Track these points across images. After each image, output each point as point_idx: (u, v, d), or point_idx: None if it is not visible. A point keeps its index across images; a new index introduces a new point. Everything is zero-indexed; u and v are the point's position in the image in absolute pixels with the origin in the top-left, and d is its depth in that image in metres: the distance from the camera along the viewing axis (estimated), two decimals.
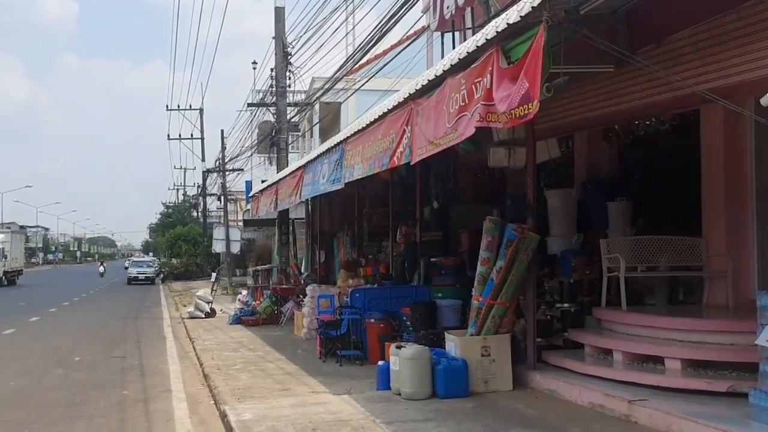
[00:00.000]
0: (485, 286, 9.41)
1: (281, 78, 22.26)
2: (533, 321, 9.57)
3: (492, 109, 6.32)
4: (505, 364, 9.28)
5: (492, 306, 9.31)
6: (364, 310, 12.62)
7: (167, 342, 17.08)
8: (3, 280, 49.29)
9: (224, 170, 39.27)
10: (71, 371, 12.85)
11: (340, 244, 19.86)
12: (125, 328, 20.60)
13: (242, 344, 15.45)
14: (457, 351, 9.21)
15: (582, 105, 8.75)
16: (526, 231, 9.41)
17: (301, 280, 20.50)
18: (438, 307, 12.02)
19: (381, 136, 9.46)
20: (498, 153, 11.35)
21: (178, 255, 58.68)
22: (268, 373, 11.61)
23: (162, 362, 13.86)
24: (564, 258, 11.48)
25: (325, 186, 12.62)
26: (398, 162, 8.95)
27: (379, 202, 19.23)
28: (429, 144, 7.88)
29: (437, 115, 7.59)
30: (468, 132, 6.91)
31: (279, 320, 19.11)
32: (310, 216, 22.36)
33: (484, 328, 9.33)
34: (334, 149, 11.86)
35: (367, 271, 16.73)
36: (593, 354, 9.45)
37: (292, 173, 15.41)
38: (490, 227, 9.58)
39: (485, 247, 9.56)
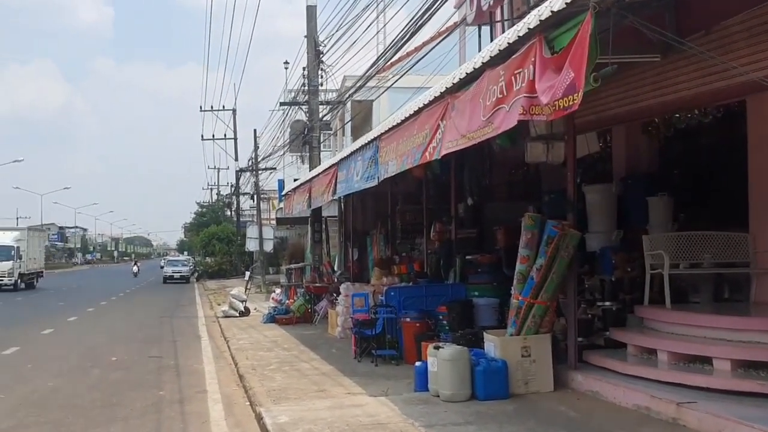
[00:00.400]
0: (525, 284, 9.18)
1: (313, 76, 22.15)
2: (574, 320, 9.32)
3: (535, 101, 6.09)
4: (545, 364, 9.05)
5: (532, 305, 9.08)
6: (400, 308, 12.45)
7: (202, 341, 17.07)
8: (19, 283, 43.61)
9: (257, 169, 39.33)
10: (108, 371, 12.85)
11: (373, 241, 19.69)
12: (161, 327, 20.66)
13: (276, 343, 15.37)
14: (497, 351, 9.00)
15: (625, 97, 8.46)
16: (567, 228, 9.16)
17: (334, 278, 20.39)
18: (475, 305, 11.82)
19: (416, 131, 9.27)
20: (536, 148, 11.09)
21: (212, 254, 58.99)
22: (303, 373, 11.49)
23: (197, 362, 13.82)
24: (604, 255, 11.20)
25: (359, 183, 12.46)
26: (430, 157, 8.76)
27: (412, 199, 19.02)
28: (461, 138, 7.68)
29: (472, 109, 7.38)
30: (505, 125, 6.69)
31: (313, 319, 19.02)
32: (343, 214, 22.23)
33: (524, 328, 9.10)
34: (368, 146, 11.69)
35: (401, 269, 16.57)
36: (636, 354, 9.17)
37: (325, 171, 15.27)
38: (529, 224, 9.35)
39: (524, 245, 9.33)
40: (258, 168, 39.12)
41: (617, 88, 8.60)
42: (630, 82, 8.36)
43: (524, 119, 6.41)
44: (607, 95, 8.83)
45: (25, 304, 31.70)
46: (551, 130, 10.82)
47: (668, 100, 8.06)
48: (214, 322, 21.50)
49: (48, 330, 19.84)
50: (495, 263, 13.32)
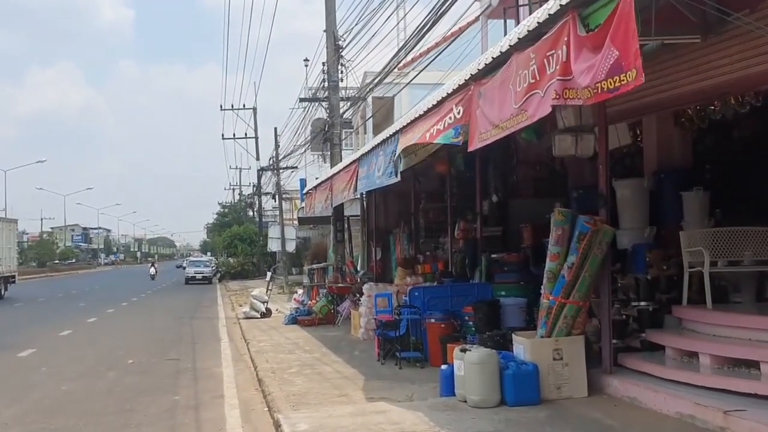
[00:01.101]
0: (556, 283, 8.70)
1: (333, 72, 21.74)
2: (608, 321, 8.82)
3: (570, 84, 5.62)
4: (579, 368, 8.55)
5: (564, 305, 8.59)
6: (424, 309, 12.01)
7: (222, 343, 16.72)
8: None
9: (278, 168, 39.01)
10: (124, 375, 12.52)
11: (396, 240, 19.25)
12: (181, 329, 20.36)
13: (298, 345, 14.98)
14: (527, 354, 8.52)
15: (661, 83, 7.94)
16: (600, 223, 8.67)
17: (357, 278, 19.98)
18: (502, 306, 11.35)
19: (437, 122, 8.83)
20: (564, 141, 10.57)
21: (235, 254, 58.90)
22: (324, 377, 11.08)
23: (216, 365, 13.45)
24: (637, 252, 10.67)
25: (381, 179, 12.02)
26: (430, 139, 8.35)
27: (435, 196, 18.57)
28: (494, 128, 7.22)
29: (502, 96, 6.91)
30: (540, 112, 6.22)
31: (335, 320, 18.61)
32: (366, 213, 21.82)
33: (555, 329, 8.62)
34: (389, 140, 11.25)
35: (425, 269, 16.12)
36: (676, 357, 8.66)
37: (346, 167, 14.86)
38: (559, 220, 8.86)
39: (555, 242, 8.84)
40: (279, 167, 38.82)
41: (652, 74, 8.06)
42: (666, 67, 7.84)
43: (558, 104, 5.94)
44: None
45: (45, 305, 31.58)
46: (580, 121, 10.30)
47: (708, 86, 7.52)
48: (235, 323, 21.17)
49: (66, 331, 19.61)
50: (522, 262, 12.83)
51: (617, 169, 13.60)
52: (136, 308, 29.14)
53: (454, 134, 8.30)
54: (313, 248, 36.75)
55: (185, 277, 54.36)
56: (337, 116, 22.10)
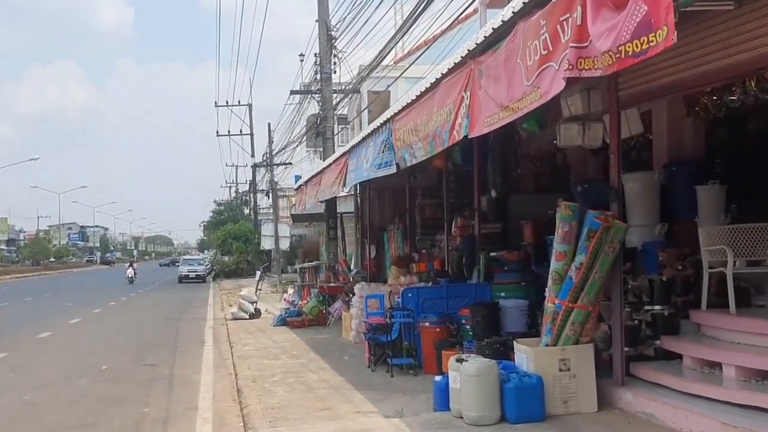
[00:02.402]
0: (562, 285, 7.82)
1: (325, 63, 20.83)
2: (620, 327, 7.95)
3: (585, 51, 4.74)
4: (588, 380, 7.68)
5: (571, 310, 7.71)
6: (418, 311, 11.14)
7: (205, 347, 15.81)
8: None
9: (272, 164, 38.06)
10: (95, 383, 11.64)
11: (390, 238, 18.34)
12: (165, 331, 19.47)
13: (284, 350, 14.11)
14: (530, 365, 7.64)
15: (683, 60, 7.04)
16: (611, 219, 7.79)
17: (350, 277, 19.10)
18: (501, 308, 10.48)
19: (437, 107, 7.93)
20: (570, 130, 9.72)
21: (229, 252, 58.00)
22: (309, 386, 10.21)
23: (195, 371, 12.55)
24: (648, 251, 9.81)
25: (369, 171, 11.16)
26: (458, 137, 7.41)
27: (432, 192, 17.69)
28: (502, 110, 6.31)
29: (510, 72, 6.02)
30: (556, 88, 5.33)
31: (327, 321, 17.75)
32: (359, 209, 20.92)
33: (561, 337, 7.74)
34: (380, 129, 10.38)
35: (421, 267, 15.23)
36: (695, 367, 7.78)
37: (336, 161, 14.00)
38: (566, 215, 7.98)
39: (561, 239, 7.96)
40: (273, 163, 37.86)
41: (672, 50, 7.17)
42: (689, 42, 6.94)
43: (572, 76, 5.05)
44: (660, 59, 7.41)
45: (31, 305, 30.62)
46: (588, 109, 9.45)
47: (742, 60, 6.60)
48: (223, 324, 20.26)
49: (46, 333, 18.69)
50: (523, 260, 11.91)
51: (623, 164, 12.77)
52: (124, 308, 28.25)
53: (467, 123, 7.31)
54: (305, 246, 35.81)
55: (178, 276, 53.53)
56: (330, 109, 21.21)
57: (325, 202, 21.27)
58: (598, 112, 9.46)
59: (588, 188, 11.37)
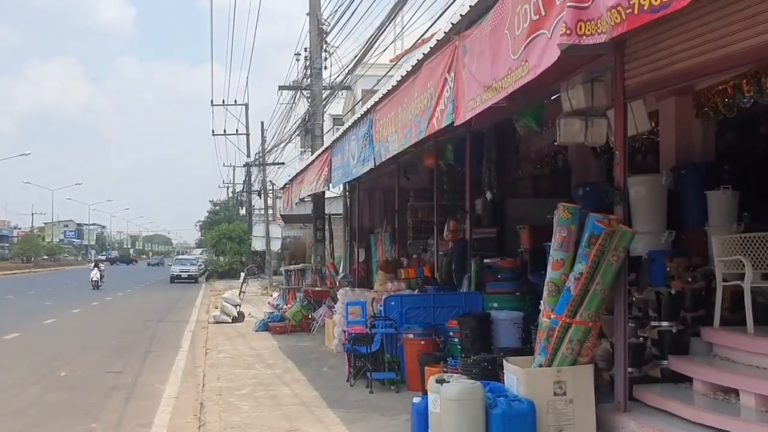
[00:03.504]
0: (559, 298, 6.89)
1: (316, 58, 19.91)
2: (623, 346, 7.04)
3: (587, 12, 3.86)
4: (586, 405, 6.75)
5: (568, 326, 6.78)
6: (401, 322, 10.23)
7: (180, 352, 14.88)
8: None
9: (264, 164, 37.11)
10: (48, 391, 10.70)
11: (378, 241, 17.42)
12: (143, 333, 18.52)
13: (261, 358, 13.20)
14: (521, 387, 6.71)
15: (700, 42, 6.10)
16: (616, 224, 6.87)
17: (337, 281, 18.17)
18: (493, 320, 9.54)
19: (417, 93, 7.02)
20: (571, 125, 8.79)
21: (223, 253, 57.09)
22: (278, 401, 9.29)
23: (161, 380, 11.63)
24: (654, 261, 8.89)
25: (357, 168, 10.25)
26: (438, 125, 6.49)
27: (425, 194, 16.78)
28: (485, 90, 5.41)
29: (495, 46, 5.12)
30: (546, 61, 4.43)
31: (310, 328, 16.82)
32: (348, 210, 20.00)
33: (557, 356, 6.81)
34: (361, 121, 9.47)
35: (410, 273, 14.30)
36: (707, 393, 6.86)
37: (318, 156, 13.08)
38: (565, 218, 7.05)
39: (558, 245, 7.03)
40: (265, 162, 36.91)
41: (688, 31, 6.27)
42: (709, 21, 6.02)
43: (569, 43, 4.13)
44: (673, 42, 6.50)
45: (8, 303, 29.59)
46: (591, 102, 8.55)
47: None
48: (205, 328, 19.33)
49: (13, 334, 17.71)
50: (518, 268, 10.96)
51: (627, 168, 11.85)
52: (106, 308, 27.29)
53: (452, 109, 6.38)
54: (291, 247, 34.79)
55: (170, 276, 52.61)
56: (319, 105, 20.28)
57: (313, 203, 20.38)
58: (602, 106, 8.57)
59: (590, 191, 10.45)
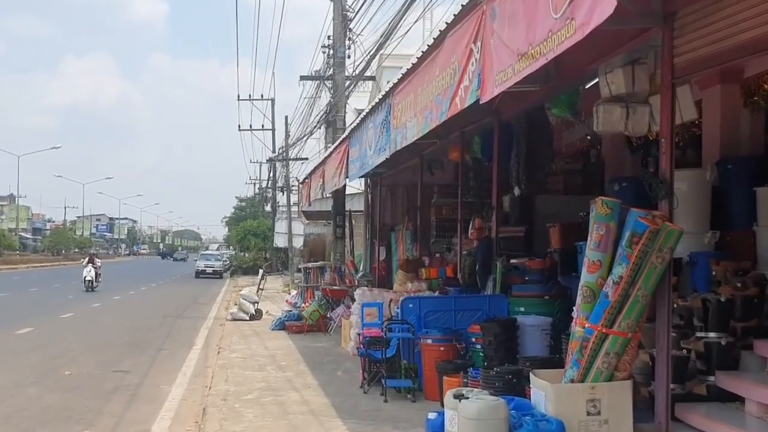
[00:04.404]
0: (595, 304, 6.12)
1: (339, 46, 19.18)
2: (666, 359, 6.24)
3: None
4: (623, 427, 5.98)
5: (605, 337, 6.01)
6: (419, 326, 9.50)
7: (192, 351, 14.26)
8: None
9: (287, 159, 36.49)
10: (46, 392, 10.11)
11: (398, 239, 16.67)
12: (158, 330, 17.96)
13: (274, 359, 12.54)
14: (549, 405, 5.94)
15: None
16: (661, 220, 6.08)
17: (356, 280, 17.47)
18: (519, 326, 8.78)
19: (438, 70, 6.27)
20: (611, 112, 7.96)
21: (248, 249, 56.79)
22: (285, 409, 8.61)
23: (168, 381, 11.00)
24: (696, 263, 8.08)
25: (373, 159, 9.52)
26: (461, 105, 5.73)
27: (450, 190, 15.94)
28: (519, 59, 4.64)
29: (531, 4, 4.38)
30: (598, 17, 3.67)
31: (328, 328, 16.14)
32: (370, 206, 19.28)
33: (591, 371, 6.03)
34: (379, 107, 8.74)
35: (431, 273, 13.52)
36: (761, 416, 6.07)
37: (336, 148, 12.37)
38: (603, 214, 6.27)
39: (595, 245, 6.25)
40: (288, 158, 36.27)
41: None
42: None
43: None
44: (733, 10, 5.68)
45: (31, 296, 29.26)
46: (633, 87, 7.74)
47: None
48: (222, 325, 18.76)
49: (27, 329, 17.22)
50: (547, 269, 10.15)
51: None
52: (126, 303, 26.83)
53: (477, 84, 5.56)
54: (310, 244, 34.09)
55: (195, 271, 52.43)
56: (342, 96, 19.56)
57: (333, 199, 19.69)
58: (644, 92, 7.76)
59: (628, 186, 9.57)
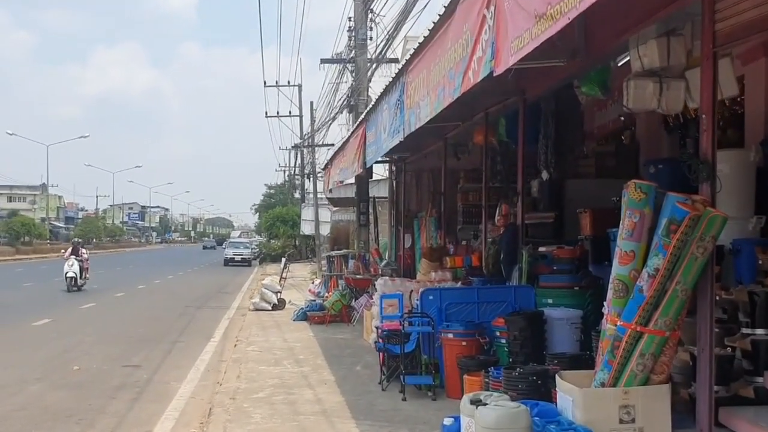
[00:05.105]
0: (628, 299, 5.48)
1: (360, 27, 18.54)
2: (709, 359, 5.59)
3: None
4: None
5: (639, 336, 5.37)
6: (440, 319, 8.91)
7: (209, 344, 13.81)
8: None
9: (313, 145, 35.98)
10: (50, 390, 9.70)
11: (422, 226, 16.07)
12: (177, 321, 17.56)
13: (291, 352, 12.06)
14: (578, 411, 5.33)
15: None
16: (702, 206, 5.43)
17: (380, 269, 16.92)
18: (546, 319, 8.17)
19: (450, 42, 5.65)
20: (643, 88, 7.30)
21: (276, 236, 56.54)
22: (296, 409, 8.11)
23: (179, 377, 10.55)
24: (740, 252, 7.36)
25: (387, 143, 8.94)
26: (474, 79, 5.11)
27: (477, 175, 15.26)
28: (537, 22, 4.04)
29: None
30: None
31: (351, 318, 15.63)
32: (395, 193, 18.69)
33: (624, 374, 5.41)
34: (393, 86, 8.14)
35: (456, 262, 12.88)
36: None
37: (354, 132, 11.79)
38: (636, 199, 5.62)
39: (628, 234, 5.61)
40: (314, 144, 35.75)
41: None
42: None
43: None
44: None
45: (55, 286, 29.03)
46: (667, 61, 7.07)
47: None
48: (244, 315, 18.37)
49: (43, 320, 16.93)
50: (577, 258, 9.48)
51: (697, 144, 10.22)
52: (150, 293, 26.54)
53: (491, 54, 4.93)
54: (334, 232, 33.55)
55: (224, 259, 52.39)
56: (364, 79, 18.95)
57: (356, 185, 19.13)
58: (680, 65, 7.11)
59: (664, 168, 8.88)
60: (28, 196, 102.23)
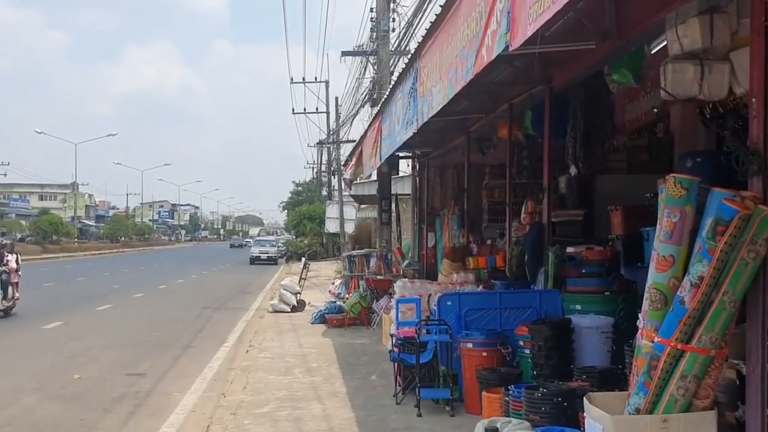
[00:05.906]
0: (666, 311, 4.75)
1: (382, 19, 17.88)
2: (761, 378, 4.84)
3: None
4: None
5: (680, 354, 4.64)
6: (459, 326, 8.20)
7: (222, 349, 13.22)
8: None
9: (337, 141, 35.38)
10: (43, 401, 9.15)
11: (444, 224, 15.35)
12: (192, 324, 17.04)
13: (305, 360, 11.44)
14: None
15: None
16: (752, 203, 4.67)
17: (402, 269, 16.24)
18: (574, 328, 7.44)
19: (463, 18, 4.96)
20: (682, 72, 6.51)
21: (303, 234, 56.14)
22: (300, 427, 7.48)
23: (183, 387, 9.95)
24: None
25: (401, 135, 8.27)
26: (488, 57, 4.41)
27: (503, 171, 14.49)
28: None
29: None
30: None
31: (371, 321, 14.98)
32: (418, 190, 17.99)
33: (663, 398, 4.68)
34: (407, 73, 7.45)
35: (479, 262, 12.14)
36: None
37: (370, 125, 11.12)
38: (675, 195, 4.89)
39: (666, 236, 4.87)
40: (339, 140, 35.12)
41: None
42: None
43: None
44: None
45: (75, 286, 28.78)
46: (710, 42, 6.29)
47: None
48: (262, 317, 17.82)
49: (55, 323, 16.49)
50: (608, 260, 8.72)
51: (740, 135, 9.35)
52: (170, 293, 26.12)
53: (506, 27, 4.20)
54: (355, 231, 32.89)
55: (250, 257, 52.19)
56: (386, 72, 18.27)
57: (378, 182, 18.48)
58: (724, 47, 6.31)
59: (703, 162, 8.06)
60: (59, 195, 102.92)
